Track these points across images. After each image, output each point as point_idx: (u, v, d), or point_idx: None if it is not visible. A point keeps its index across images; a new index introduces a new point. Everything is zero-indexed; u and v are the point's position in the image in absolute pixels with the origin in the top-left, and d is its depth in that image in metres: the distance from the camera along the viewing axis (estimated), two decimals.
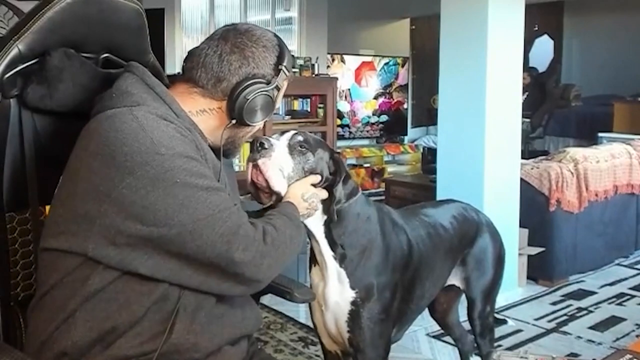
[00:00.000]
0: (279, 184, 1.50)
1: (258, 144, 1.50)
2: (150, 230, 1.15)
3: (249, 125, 1.36)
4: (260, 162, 1.49)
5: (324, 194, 1.62)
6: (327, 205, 1.63)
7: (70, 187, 1.21)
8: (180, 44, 6.53)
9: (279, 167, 1.50)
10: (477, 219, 2.20)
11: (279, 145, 1.53)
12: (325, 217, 1.65)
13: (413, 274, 1.85)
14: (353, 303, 1.70)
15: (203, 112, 1.34)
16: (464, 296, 2.24)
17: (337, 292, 1.70)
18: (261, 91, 1.32)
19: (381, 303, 1.72)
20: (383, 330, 1.73)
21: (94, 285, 1.19)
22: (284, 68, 1.36)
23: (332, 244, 1.68)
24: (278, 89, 1.38)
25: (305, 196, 1.53)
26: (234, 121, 1.34)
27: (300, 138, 1.57)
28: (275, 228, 1.30)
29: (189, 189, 1.17)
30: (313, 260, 1.77)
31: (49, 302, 1.23)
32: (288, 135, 1.58)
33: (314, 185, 1.59)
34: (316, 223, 1.65)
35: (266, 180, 1.49)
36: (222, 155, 1.37)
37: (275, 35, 1.40)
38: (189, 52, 1.39)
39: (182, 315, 1.23)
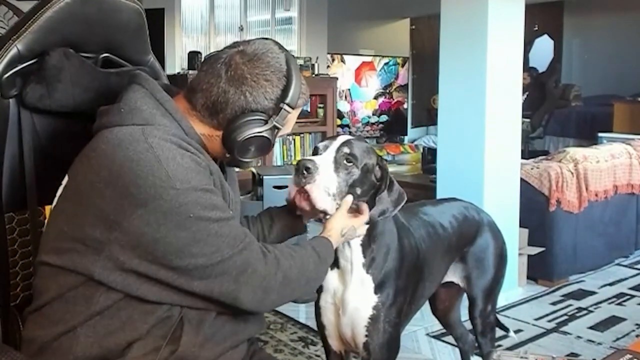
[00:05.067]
0: (326, 205, 1.49)
1: (303, 169, 1.45)
2: (159, 263, 1.15)
3: (244, 162, 1.32)
4: (307, 187, 1.47)
5: (361, 224, 1.58)
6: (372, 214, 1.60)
7: (78, 209, 1.18)
8: (180, 44, 6.53)
9: (325, 188, 1.48)
10: (478, 218, 2.19)
11: (324, 163, 1.49)
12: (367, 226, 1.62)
13: (418, 275, 1.85)
14: (375, 308, 1.68)
15: (203, 135, 1.30)
16: (465, 295, 2.24)
17: (358, 297, 1.68)
18: (253, 134, 1.26)
19: (397, 307, 1.71)
20: (397, 332, 1.73)
21: (99, 305, 1.18)
22: (285, 106, 1.27)
23: (365, 250, 1.65)
24: (277, 128, 1.29)
25: (344, 231, 1.52)
26: (228, 155, 1.31)
27: (346, 150, 1.53)
28: (295, 266, 1.30)
29: (202, 222, 1.16)
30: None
31: (48, 312, 1.22)
32: (334, 146, 1.53)
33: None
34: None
35: (310, 203, 1.48)
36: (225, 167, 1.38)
37: (288, 62, 1.29)
38: (205, 58, 1.33)
39: (187, 328, 1.23)
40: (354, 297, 1.68)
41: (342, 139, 1.57)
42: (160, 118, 1.23)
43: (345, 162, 1.53)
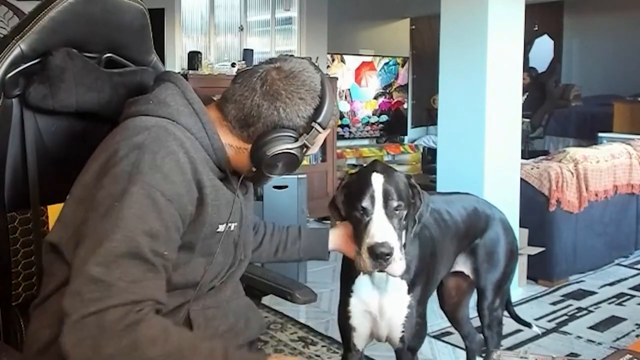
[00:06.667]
0: (402, 271, 1.53)
1: (385, 256, 1.45)
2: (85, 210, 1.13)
3: (269, 177, 1.31)
4: (388, 269, 1.49)
5: None
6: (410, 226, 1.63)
7: (83, 192, 1.18)
8: (180, 44, 6.52)
9: (401, 261, 1.50)
10: (489, 212, 2.22)
11: (390, 234, 1.49)
12: (411, 235, 1.64)
13: (434, 263, 1.90)
14: (409, 307, 1.74)
15: (230, 147, 1.30)
16: (474, 293, 2.27)
17: (395, 302, 1.73)
18: (283, 151, 1.24)
19: (423, 299, 1.79)
20: (424, 320, 1.81)
21: None
22: (317, 126, 1.26)
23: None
24: (306, 146, 1.28)
25: None
26: (254, 169, 1.29)
27: (394, 204, 1.53)
28: (160, 348, 1.02)
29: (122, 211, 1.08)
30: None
31: (52, 305, 1.20)
32: (380, 202, 1.52)
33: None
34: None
35: None
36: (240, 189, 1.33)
37: (322, 82, 1.29)
38: (240, 71, 1.32)
39: (195, 323, 1.24)
40: (392, 302, 1.73)
41: (378, 187, 1.53)
42: (186, 117, 1.23)
43: (395, 212, 1.54)
